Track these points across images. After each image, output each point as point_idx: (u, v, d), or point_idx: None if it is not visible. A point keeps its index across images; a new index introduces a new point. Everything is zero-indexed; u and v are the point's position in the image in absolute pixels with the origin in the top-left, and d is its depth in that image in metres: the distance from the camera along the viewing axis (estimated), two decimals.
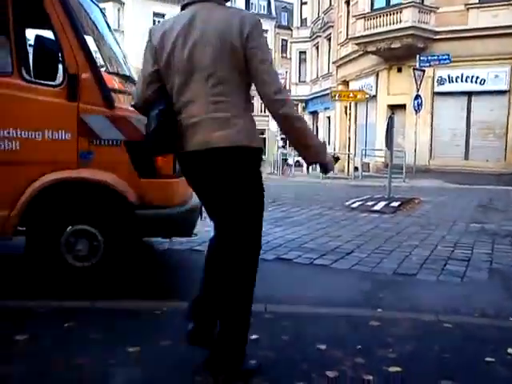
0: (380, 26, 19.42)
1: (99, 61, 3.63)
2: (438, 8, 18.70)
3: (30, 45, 3.95)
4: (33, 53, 3.22)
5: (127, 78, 4.08)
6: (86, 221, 3.47)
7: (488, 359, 2.59)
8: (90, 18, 3.98)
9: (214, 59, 2.10)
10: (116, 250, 3.51)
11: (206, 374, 2.31)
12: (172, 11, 45.65)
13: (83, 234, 3.48)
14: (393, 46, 19.01)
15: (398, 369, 2.44)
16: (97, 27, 4.09)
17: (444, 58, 17.13)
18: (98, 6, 4.27)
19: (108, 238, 3.49)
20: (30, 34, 3.84)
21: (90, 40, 3.58)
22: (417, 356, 2.63)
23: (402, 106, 19.38)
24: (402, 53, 19.07)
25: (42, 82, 3.34)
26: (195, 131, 2.15)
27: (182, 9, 2.22)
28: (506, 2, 17.74)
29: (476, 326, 3.18)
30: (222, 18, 2.12)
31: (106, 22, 4.45)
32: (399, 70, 20.13)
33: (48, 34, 3.41)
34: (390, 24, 19.07)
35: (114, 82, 3.66)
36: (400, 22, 18.71)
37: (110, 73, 3.72)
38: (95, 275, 3.52)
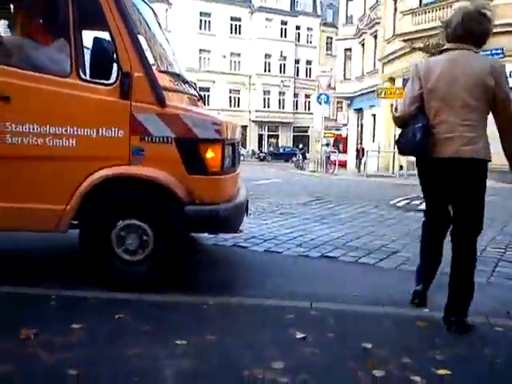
0: (429, 21, 18.98)
1: (151, 59, 3.71)
2: (491, 0, 18.04)
3: (85, 46, 4.11)
4: (90, 53, 3.34)
5: (178, 77, 4.16)
6: (137, 216, 3.56)
7: None
8: (143, 18, 4.09)
9: (469, 93, 2.85)
10: (165, 245, 3.59)
11: (253, 369, 2.35)
12: (218, 10, 46.05)
13: (133, 229, 3.58)
14: (442, 42, 18.45)
15: (447, 372, 2.40)
16: (149, 27, 4.19)
17: (497, 52, 16.53)
18: (150, 7, 4.37)
19: (157, 233, 3.57)
20: (86, 35, 3.97)
21: (142, 39, 3.67)
22: (466, 359, 2.58)
23: None
24: None
25: (97, 81, 3.46)
26: (448, 143, 2.90)
27: (441, 52, 3.11)
28: None
29: None
30: (477, 63, 2.90)
31: (158, 22, 4.56)
32: None
33: (103, 34, 3.53)
34: (440, 19, 18.57)
35: (165, 81, 3.74)
36: None
37: (161, 71, 3.80)
38: (144, 269, 3.61)
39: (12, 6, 4.11)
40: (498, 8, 17.79)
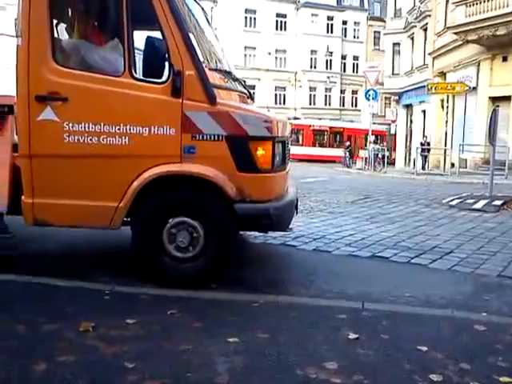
0: (483, 11, 18.27)
1: (202, 57, 3.73)
2: None
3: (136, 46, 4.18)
4: (143, 53, 3.39)
5: (228, 74, 4.17)
6: (188, 213, 3.59)
7: None
8: (194, 17, 4.11)
9: None
10: (215, 243, 3.61)
11: (306, 369, 2.33)
12: (263, 7, 46.05)
13: (184, 226, 3.61)
14: (498, 33, 17.81)
15: (510, 380, 2.30)
16: (199, 25, 4.21)
17: None
18: (199, 5, 4.40)
19: (207, 230, 3.60)
20: (139, 34, 4.03)
21: (193, 38, 3.70)
22: None
23: (507, 98, 18.14)
24: (508, 40, 17.81)
25: (150, 79, 3.51)
26: None
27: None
28: None
29: None
30: None
31: (207, 20, 4.58)
32: (504, 59, 18.86)
33: (155, 34, 3.57)
34: (495, 9, 17.86)
35: (215, 78, 3.76)
36: (507, 6, 17.46)
37: (211, 69, 3.82)
38: (195, 266, 3.64)
39: (68, 9, 4.23)
40: None
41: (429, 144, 23.29)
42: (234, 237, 3.73)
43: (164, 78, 3.54)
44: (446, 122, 22.37)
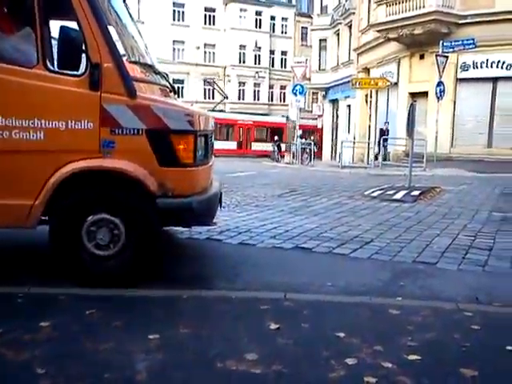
0: (402, 11, 19.12)
1: (121, 50, 3.64)
2: None
3: (52, 36, 4.01)
4: (57, 43, 3.26)
5: (149, 67, 4.10)
6: (108, 210, 3.51)
7: (509, 348, 2.58)
8: (114, 8, 4.00)
9: None
10: (137, 239, 3.55)
11: (227, 361, 2.35)
12: (191, 1, 45.55)
13: (105, 223, 3.52)
14: (415, 32, 18.70)
15: (417, 357, 2.45)
16: (119, 17, 4.10)
17: (469, 42, 16.76)
18: None
19: (129, 227, 3.53)
20: (54, 24, 3.87)
21: (112, 30, 3.60)
22: (436, 344, 2.63)
23: (424, 94, 19.10)
24: (425, 39, 18.75)
25: (65, 71, 3.38)
26: None
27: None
28: None
29: (497, 314, 3.17)
30: None
31: (129, 12, 4.47)
32: (421, 57, 19.84)
33: (72, 24, 3.44)
34: (413, 9, 18.73)
35: (135, 71, 3.68)
36: (423, 6, 18.36)
37: (131, 62, 3.73)
38: (116, 264, 3.57)
39: None
40: None
41: (388, 132, 20.55)
42: (156, 232, 3.68)
43: (81, 71, 3.42)
44: (370, 116, 23.20)
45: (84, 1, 3.37)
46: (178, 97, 5.08)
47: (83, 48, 3.36)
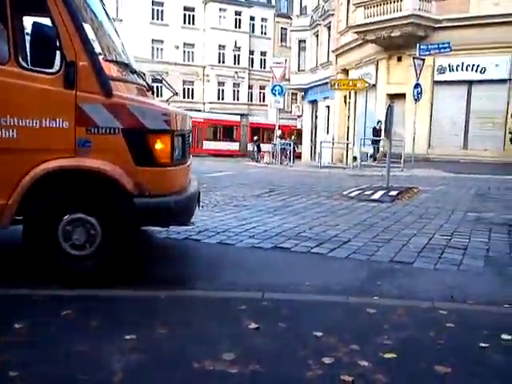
0: (380, 14, 19.35)
1: (97, 48, 3.60)
2: None
3: (26, 32, 3.94)
4: (30, 40, 3.21)
5: (126, 66, 4.06)
6: (84, 210, 3.47)
7: (482, 345, 2.62)
8: (89, 6, 3.95)
9: None
10: (114, 239, 3.51)
11: (204, 362, 2.34)
12: (171, 1, 45.30)
13: (81, 223, 3.48)
14: (393, 35, 18.94)
15: (393, 355, 2.47)
16: (95, 15, 4.06)
17: (444, 46, 17.07)
18: None
19: (106, 226, 3.49)
20: (28, 21, 3.81)
21: (88, 28, 3.56)
22: (412, 342, 2.66)
23: (402, 95, 19.34)
24: (402, 41, 19.00)
25: (39, 69, 3.32)
26: None
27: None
28: None
29: (471, 312, 3.22)
30: None
31: (105, 10, 4.42)
32: (399, 59, 20.08)
33: (45, 21, 3.39)
34: (390, 12, 18.99)
35: (112, 70, 3.64)
36: (400, 10, 18.63)
37: (108, 60, 3.69)
38: (92, 264, 3.53)
39: None
40: (446, 3, 18.43)
41: (381, 131, 18.29)
42: (133, 233, 3.65)
43: (56, 69, 3.37)
44: (349, 117, 23.39)
45: None
46: (157, 96, 5.04)
47: (58, 45, 3.31)
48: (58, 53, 3.34)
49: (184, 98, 46.50)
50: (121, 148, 3.42)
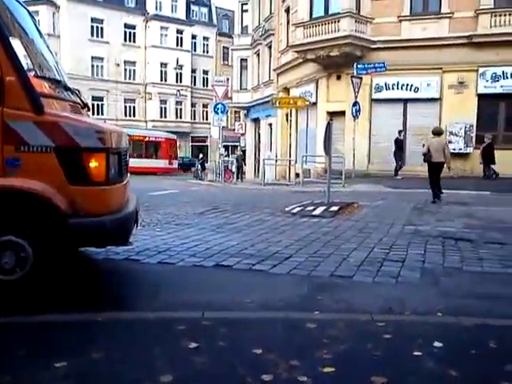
0: (319, 34, 19.90)
1: (27, 64, 3.48)
2: (373, 19, 19.45)
3: None
4: None
5: (58, 83, 3.94)
6: (13, 231, 3.31)
7: (416, 353, 2.70)
8: (17, 21, 3.82)
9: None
10: (47, 262, 3.37)
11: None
12: (111, 17, 44.77)
13: (10, 246, 3.31)
14: (331, 54, 19.50)
15: (332, 369, 2.49)
16: (24, 30, 3.92)
17: (380, 66, 17.82)
18: (25, 8, 4.10)
19: (38, 248, 3.34)
20: None
21: (16, 43, 3.43)
22: (350, 355, 2.69)
23: (342, 113, 19.88)
24: (341, 61, 19.61)
25: None
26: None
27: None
28: (434, 16, 18.77)
29: (408, 323, 3.30)
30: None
31: (36, 25, 4.29)
32: (338, 78, 20.67)
33: None
34: (329, 32, 19.57)
35: (43, 87, 3.52)
36: (338, 30, 19.26)
37: (38, 77, 3.57)
38: (23, 288, 3.36)
39: None
40: (380, 26, 19.27)
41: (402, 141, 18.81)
42: (68, 254, 3.52)
43: None
44: (291, 134, 23.75)
45: None
46: (98, 114, 4.93)
47: None
48: None
49: (125, 116, 45.85)
50: (53, 167, 3.31)
